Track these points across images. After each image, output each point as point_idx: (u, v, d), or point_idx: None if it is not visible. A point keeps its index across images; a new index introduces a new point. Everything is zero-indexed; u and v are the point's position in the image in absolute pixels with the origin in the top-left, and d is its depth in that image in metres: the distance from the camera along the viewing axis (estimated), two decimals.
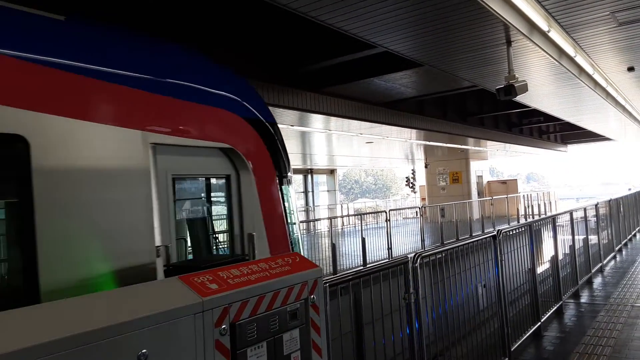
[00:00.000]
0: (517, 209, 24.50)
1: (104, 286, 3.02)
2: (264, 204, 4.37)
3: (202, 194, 4.53)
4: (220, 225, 4.48)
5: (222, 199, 4.39)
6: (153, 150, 3.56)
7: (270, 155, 4.61)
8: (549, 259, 7.78)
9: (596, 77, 9.92)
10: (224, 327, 2.40)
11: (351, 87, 10.92)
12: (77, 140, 3.13)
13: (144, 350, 2.04)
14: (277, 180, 4.64)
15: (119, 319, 2.00)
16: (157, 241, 3.45)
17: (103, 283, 3.07)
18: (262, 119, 4.61)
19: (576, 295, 8.59)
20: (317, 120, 12.45)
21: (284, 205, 4.64)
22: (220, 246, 4.47)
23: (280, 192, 4.62)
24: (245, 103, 4.48)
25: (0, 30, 2.99)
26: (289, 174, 4.84)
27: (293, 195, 4.88)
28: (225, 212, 4.32)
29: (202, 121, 4.03)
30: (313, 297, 2.97)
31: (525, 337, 6.23)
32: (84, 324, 1.92)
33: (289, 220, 4.70)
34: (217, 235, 4.51)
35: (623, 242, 13.85)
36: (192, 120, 3.93)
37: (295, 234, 4.83)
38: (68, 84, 3.15)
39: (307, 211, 29.59)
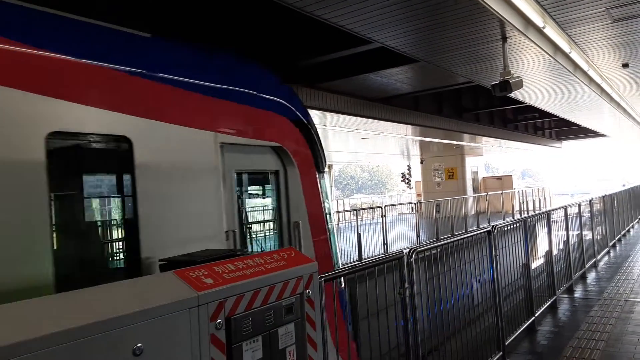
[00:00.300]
0: (512, 205, 24.60)
1: None
2: (306, 195, 5.07)
3: (258, 187, 5.21)
4: (271, 214, 5.06)
5: (273, 191, 5.01)
6: (221, 149, 4.22)
7: (311, 152, 5.31)
8: (544, 254, 7.81)
9: (591, 73, 9.95)
10: (220, 322, 2.40)
11: (347, 82, 10.92)
12: (168, 139, 3.80)
13: (140, 344, 2.04)
14: (317, 175, 5.34)
15: (114, 313, 2.00)
16: (225, 227, 4.16)
17: None
18: (304, 120, 5.34)
19: (570, 290, 8.64)
20: (312, 116, 12.44)
21: (321, 196, 5.32)
22: (272, 232, 5.07)
23: (319, 185, 5.31)
24: (290, 106, 5.17)
25: (109, 49, 3.68)
26: (325, 168, 5.53)
27: (328, 187, 5.49)
28: (275, 202, 4.98)
29: (258, 123, 4.72)
30: (308, 292, 2.98)
31: (519, 331, 6.26)
32: (79, 318, 1.92)
33: (326, 210, 5.39)
34: (269, 222, 5.09)
35: (617, 238, 13.93)
36: (250, 123, 4.62)
37: (331, 223, 5.49)
38: (160, 93, 3.84)
39: None
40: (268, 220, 5.09)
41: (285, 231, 4.90)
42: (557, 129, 26.46)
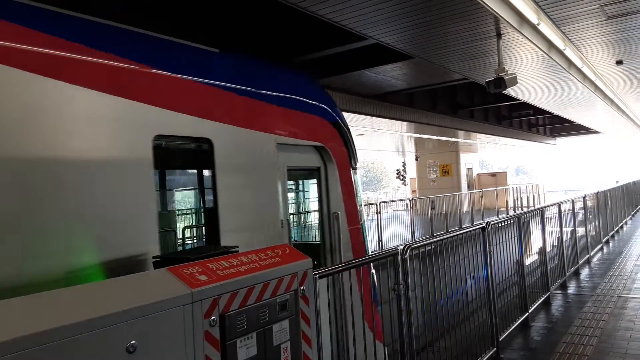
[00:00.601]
0: (506, 201, 24.68)
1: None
2: (343, 189, 5.79)
3: (304, 182, 6.06)
4: (315, 205, 5.78)
5: (316, 186, 5.74)
6: (277, 148, 4.91)
7: (346, 150, 6.02)
8: (537, 250, 7.85)
9: (585, 70, 9.98)
10: (214, 318, 2.40)
11: (341, 79, 10.90)
12: (240, 140, 4.57)
13: (133, 342, 2.04)
14: (351, 170, 6.04)
15: (107, 310, 1.99)
16: (281, 216, 4.85)
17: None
18: (340, 121, 6.06)
19: (563, 286, 8.69)
20: None
21: (355, 190, 6.04)
22: (315, 222, 5.81)
23: (353, 180, 6.01)
24: (329, 110, 5.92)
25: (198, 65, 4.51)
26: (357, 165, 6.25)
27: (360, 182, 6.19)
28: (318, 195, 5.69)
29: (305, 126, 5.47)
30: (303, 289, 2.98)
31: (513, 327, 6.29)
32: (71, 315, 1.91)
33: (358, 202, 6.12)
34: (313, 213, 5.83)
35: (610, 234, 14.01)
36: (298, 125, 5.37)
37: (362, 213, 6.23)
38: (232, 101, 4.61)
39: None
40: (313, 211, 5.89)
41: (326, 221, 5.63)
42: (552, 125, 26.54)
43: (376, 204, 15.76)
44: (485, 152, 37.02)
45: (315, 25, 7.67)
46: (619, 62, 9.75)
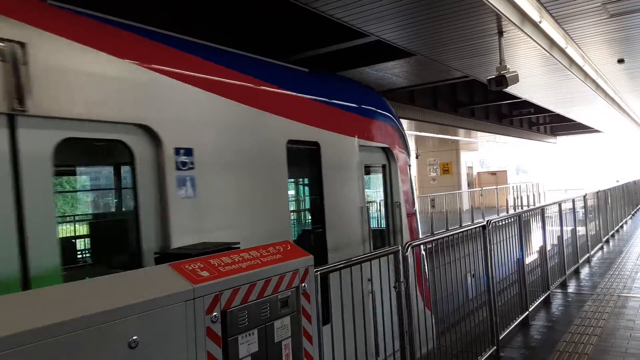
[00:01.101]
0: (507, 200, 24.68)
1: (354, 233, 5.99)
2: (402, 183, 7.20)
3: (375, 176, 7.23)
4: (383, 196, 7.25)
5: (382, 180, 7.13)
6: (359, 149, 6.33)
7: (404, 150, 7.43)
8: (538, 249, 7.85)
9: (586, 68, 9.96)
10: (215, 315, 2.40)
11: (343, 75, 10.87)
12: (336, 143, 5.93)
13: (135, 337, 2.03)
14: (407, 167, 7.42)
15: (109, 306, 1.99)
16: (361, 204, 6.35)
17: (354, 235, 6.06)
18: (399, 127, 7.49)
19: (564, 285, 8.69)
20: None
21: (410, 183, 7.47)
22: (384, 209, 7.24)
23: (409, 175, 7.41)
24: (391, 117, 7.33)
25: (302, 84, 5.84)
26: (410, 162, 7.61)
27: (413, 177, 7.51)
28: (383, 188, 7.14)
29: (375, 131, 6.85)
30: (304, 285, 2.97)
31: (513, 326, 6.29)
32: (74, 310, 1.90)
33: (413, 195, 7.64)
34: (382, 201, 7.23)
35: (610, 233, 14.02)
36: (371, 131, 6.76)
37: (416, 203, 7.77)
38: (329, 111, 5.98)
39: None
40: (382, 200, 7.22)
41: (390, 208, 7.07)
42: (552, 124, 26.53)
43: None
44: (486, 151, 37.03)
45: (316, 22, 7.65)
46: (621, 61, 9.72)
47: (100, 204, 4.71)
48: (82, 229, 4.67)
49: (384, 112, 7.19)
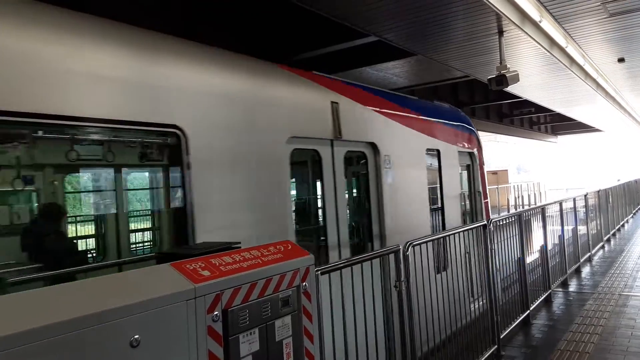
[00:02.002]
0: (508, 199, 24.67)
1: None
2: (480, 178, 9.49)
3: (465, 173, 9.25)
4: (469, 187, 9.36)
5: (467, 177, 9.32)
6: (458, 154, 8.50)
7: (481, 153, 9.63)
8: (538, 248, 7.85)
9: (587, 68, 9.96)
10: (216, 314, 2.40)
11: (343, 76, 10.87)
12: (447, 151, 8.16)
13: (137, 336, 2.04)
14: (483, 166, 9.64)
15: (111, 305, 2.00)
16: (461, 191, 8.73)
17: (458, 212, 8.37)
18: (477, 136, 9.70)
19: (565, 284, 8.69)
20: None
21: (484, 178, 9.69)
22: (472, 196, 9.33)
23: (484, 172, 9.66)
24: (472, 129, 9.49)
25: (425, 110, 7.95)
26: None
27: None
28: (469, 181, 9.33)
29: (465, 139, 9.00)
30: (305, 285, 2.98)
31: (514, 325, 6.30)
32: (76, 309, 1.92)
33: (486, 186, 9.76)
34: (470, 191, 9.32)
35: (612, 232, 14.01)
36: (463, 139, 8.90)
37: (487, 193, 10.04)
38: (443, 129, 8.13)
39: None
40: (470, 190, 9.33)
41: (473, 196, 9.31)
42: (553, 123, 26.51)
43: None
44: (487, 150, 36.97)
45: (317, 22, 7.67)
46: (621, 60, 9.73)
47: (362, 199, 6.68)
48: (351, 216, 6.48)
49: (469, 127, 9.40)
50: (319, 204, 5.76)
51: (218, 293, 2.42)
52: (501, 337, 5.79)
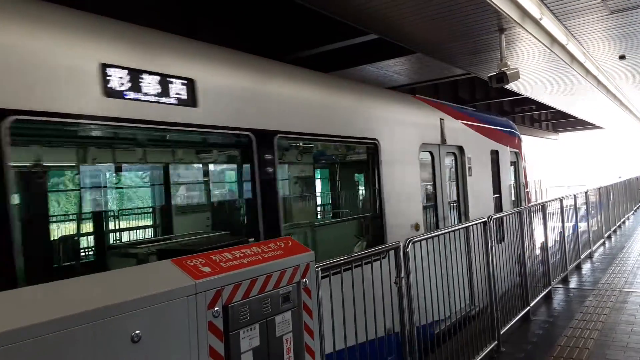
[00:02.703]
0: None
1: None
2: (523, 173, 11.80)
3: (512, 169, 11.20)
4: (514, 180, 11.45)
5: (515, 171, 11.40)
6: (511, 155, 11.05)
7: (523, 153, 11.90)
8: (539, 245, 7.86)
9: (587, 65, 9.96)
10: (217, 309, 2.43)
11: (344, 74, 10.87)
12: (504, 152, 10.49)
13: (138, 331, 2.07)
14: (524, 163, 11.92)
15: (112, 301, 2.02)
16: (510, 182, 11.10)
17: (509, 199, 10.76)
18: (521, 138, 12.03)
19: (565, 281, 8.71)
20: None
21: (526, 173, 12.13)
22: (516, 188, 11.38)
23: (525, 168, 12.01)
24: (517, 133, 11.75)
25: (488, 121, 10.38)
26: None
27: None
28: (514, 175, 11.41)
29: (513, 142, 11.17)
30: (305, 281, 3.00)
31: (514, 321, 6.31)
32: (78, 305, 1.94)
33: (526, 179, 12.25)
34: (515, 184, 11.44)
35: (612, 229, 14.01)
36: (511, 142, 11.03)
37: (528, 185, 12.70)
38: (500, 134, 10.50)
39: None
40: (516, 182, 11.46)
41: (518, 186, 11.39)
42: (554, 121, 26.47)
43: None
44: None
45: (318, 20, 7.68)
46: (622, 57, 9.72)
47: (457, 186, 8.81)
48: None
49: (515, 132, 11.74)
50: (432, 189, 8.10)
51: (219, 289, 2.45)
52: (501, 333, 5.81)
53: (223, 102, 4.23)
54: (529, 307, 6.79)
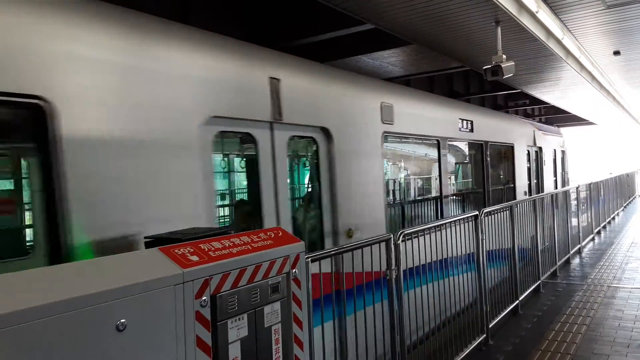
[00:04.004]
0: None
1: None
2: (562, 166, 18.08)
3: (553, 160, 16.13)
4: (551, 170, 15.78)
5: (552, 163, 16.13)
6: (560, 153, 17.47)
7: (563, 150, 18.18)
8: (529, 239, 7.89)
9: (582, 60, 9.94)
10: (205, 299, 2.39)
11: (339, 64, 10.79)
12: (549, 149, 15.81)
13: (123, 320, 2.03)
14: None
15: (97, 288, 1.98)
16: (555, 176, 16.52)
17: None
18: (564, 139, 18.73)
19: (554, 275, 8.76)
20: None
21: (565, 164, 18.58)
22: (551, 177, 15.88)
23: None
24: (561, 135, 18.16)
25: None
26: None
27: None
28: (554, 166, 16.29)
29: (559, 142, 17.39)
30: (295, 271, 2.98)
31: (503, 315, 6.34)
32: (62, 292, 1.89)
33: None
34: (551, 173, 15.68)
35: (602, 225, 14.11)
36: (559, 143, 17.35)
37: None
38: (549, 136, 15.79)
39: None
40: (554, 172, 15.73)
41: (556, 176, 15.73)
42: (547, 115, 26.51)
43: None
44: None
45: (311, 8, 7.60)
46: (617, 53, 9.71)
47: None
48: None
49: (560, 135, 15.28)
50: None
51: (207, 278, 2.41)
52: (490, 326, 5.84)
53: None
54: (518, 301, 6.82)
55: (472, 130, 9.70)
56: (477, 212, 5.90)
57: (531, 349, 5.51)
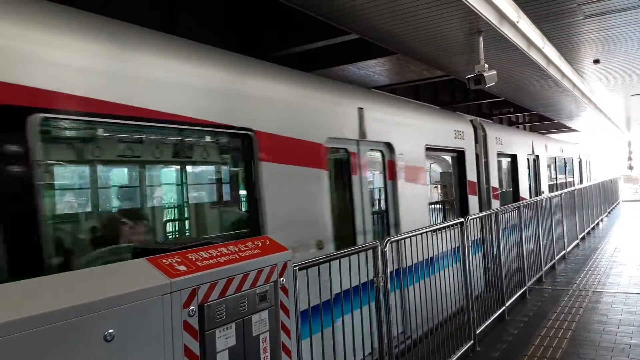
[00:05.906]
0: None
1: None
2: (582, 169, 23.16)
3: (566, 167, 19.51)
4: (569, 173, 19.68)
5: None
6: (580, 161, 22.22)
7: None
8: (515, 245, 7.97)
9: (563, 68, 10.13)
10: (192, 309, 2.40)
11: (324, 74, 10.86)
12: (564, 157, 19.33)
13: (111, 330, 2.03)
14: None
15: (85, 299, 1.99)
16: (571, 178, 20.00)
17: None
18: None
19: (540, 281, 8.84)
20: None
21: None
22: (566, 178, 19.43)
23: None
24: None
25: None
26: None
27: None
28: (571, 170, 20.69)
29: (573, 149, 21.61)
30: (282, 280, 3.00)
31: (489, 321, 6.39)
32: (50, 303, 1.90)
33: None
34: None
35: (586, 231, 14.28)
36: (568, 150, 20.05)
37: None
38: (558, 143, 19.43)
39: None
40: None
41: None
42: (531, 123, 26.84)
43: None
44: None
45: (298, 19, 7.66)
46: (596, 61, 9.90)
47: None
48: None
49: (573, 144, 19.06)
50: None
51: (194, 288, 2.42)
52: (477, 332, 5.88)
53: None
54: (504, 307, 6.88)
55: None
56: (462, 219, 5.96)
57: (518, 355, 5.56)
